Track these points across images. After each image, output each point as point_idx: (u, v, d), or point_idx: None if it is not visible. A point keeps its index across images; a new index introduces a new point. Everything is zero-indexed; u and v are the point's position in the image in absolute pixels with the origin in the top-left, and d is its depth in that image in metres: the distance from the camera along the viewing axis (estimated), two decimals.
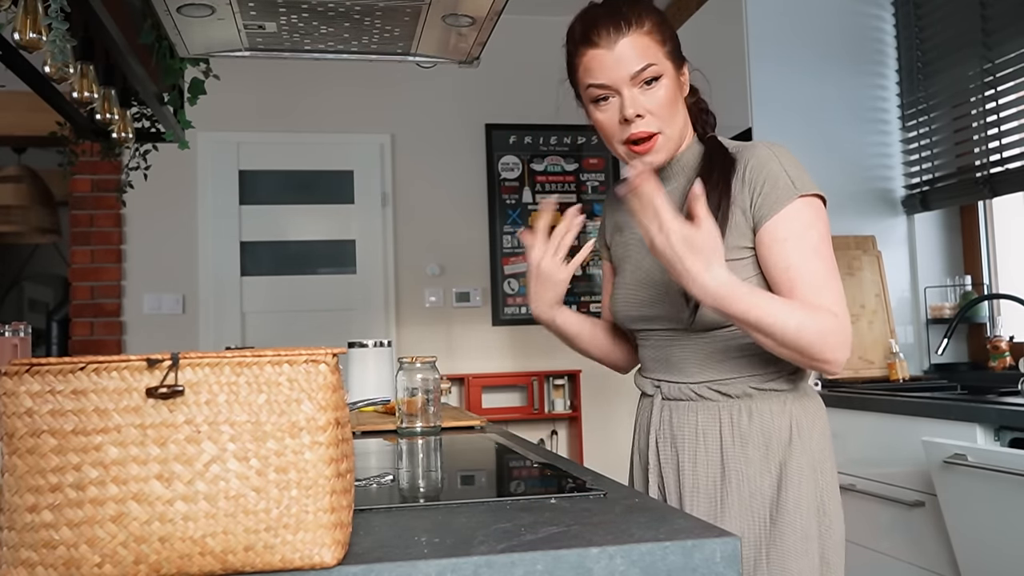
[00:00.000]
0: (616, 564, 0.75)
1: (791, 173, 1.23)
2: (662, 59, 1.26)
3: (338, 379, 0.76)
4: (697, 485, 1.31)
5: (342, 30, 1.80)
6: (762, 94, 3.17)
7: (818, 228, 1.22)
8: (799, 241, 1.21)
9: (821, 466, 1.30)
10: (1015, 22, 2.70)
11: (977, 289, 3.06)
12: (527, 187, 4.53)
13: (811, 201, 1.23)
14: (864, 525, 2.56)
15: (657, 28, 1.26)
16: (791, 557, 1.25)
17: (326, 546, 0.72)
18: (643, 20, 1.25)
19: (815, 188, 1.24)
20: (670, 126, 1.28)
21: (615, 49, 1.24)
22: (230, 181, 4.28)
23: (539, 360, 4.36)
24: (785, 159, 1.25)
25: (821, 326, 1.14)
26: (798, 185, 1.23)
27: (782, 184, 1.22)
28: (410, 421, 1.71)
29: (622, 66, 1.24)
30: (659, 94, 1.25)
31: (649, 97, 1.25)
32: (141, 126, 2.86)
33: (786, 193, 1.22)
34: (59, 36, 1.67)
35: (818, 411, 1.34)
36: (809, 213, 1.22)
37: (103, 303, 4.14)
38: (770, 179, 1.23)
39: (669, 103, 1.26)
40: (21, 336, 1.68)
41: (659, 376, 1.39)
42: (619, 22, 1.24)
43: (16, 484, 0.69)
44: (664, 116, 1.26)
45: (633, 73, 1.24)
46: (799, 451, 1.28)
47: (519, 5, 2.42)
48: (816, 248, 1.21)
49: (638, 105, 1.24)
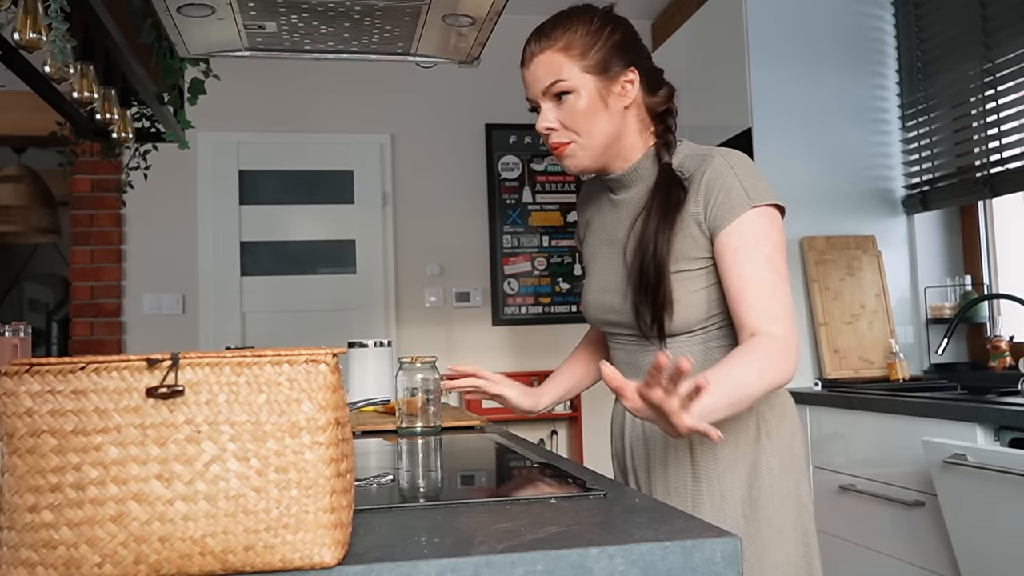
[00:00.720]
0: (616, 564, 0.75)
1: (746, 184, 1.26)
2: (576, 73, 1.30)
3: (338, 379, 0.76)
4: (669, 486, 1.35)
5: (342, 30, 1.80)
6: (762, 94, 3.17)
7: (772, 238, 1.25)
8: (751, 251, 1.23)
9: (791, 462, 1.33)
10: (1015, 22, 2.70)
11: (977, 289, 3.06)
12: (527, 187, 4.53)
13: (765, 211, 1.26)
14: (864, 525, 2.56)
15: (575, 43, 1.30)
16: (768, 551, 1.28)
17: (326, 546, 0.72)
18: (559, 37, 1.30)
19: (771, 198, 1.27)
20: (585, 136, 1.32)
21: (531, 67, 1.32)
22: (230, 181, 4.28)
23: (539, 360, 4.36)
24: (741, 169, 1.28)
25: (774, 361, 1.17)
26: (752, 195, 1.25)
27: (736, 195, 1.25)
28: (410, 421, 1.71)
29: (536, 83, 1.32)
30: (567, 108, 1.30)
31: (561, 110, 1.31)
32: (141, 126, 2.86)
33: (740, 204, 1.24)
34: (59, 36, 1.67)
35: (786, 408, 1.37)
36: (763, 223, 1.25)
37: (103, 303, 4.14)
38: (724, 190, 1.26)
39: (579, 115, 1.30)
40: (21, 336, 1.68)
41: (630, 379, 1.40)
42: (537, 40, 1.32)
43: (16, 484, 0.69)
44: (578, 127, 1.31)
45: (543, 89, 1.31)
46: (768, 450, 1.31)
47: (519, 5, 2.42)
48: (768, 257, 1.23)
49: (548, 119, 1.32)
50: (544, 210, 4.53)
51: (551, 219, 4.51)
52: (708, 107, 3.64)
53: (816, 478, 2.81)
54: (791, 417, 1.37)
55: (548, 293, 4.51)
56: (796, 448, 1.36)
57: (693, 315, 1.30)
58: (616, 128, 1.33)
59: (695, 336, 1.32)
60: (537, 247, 4.50)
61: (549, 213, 4.53)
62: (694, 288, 1.29)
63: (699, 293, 1.29)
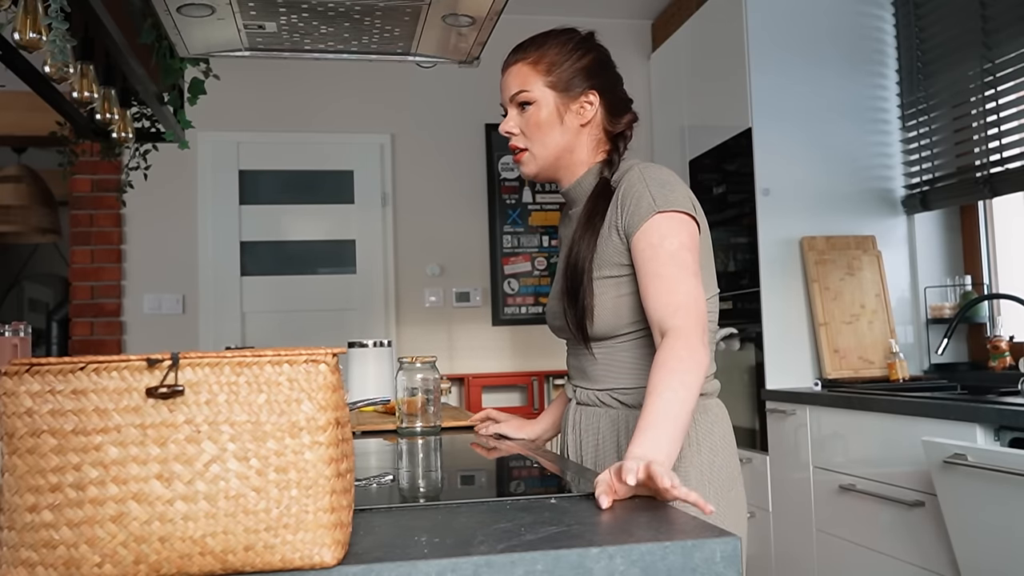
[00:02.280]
0: (616, 564, 0.75)
1: (654, 192, 1.34)
2: (540, 88, 1.42)
3: (338, 379, 0.76)
4: None
5: (342, 30, 1.80)
6: (762, 94, 3.17)
7: (679, 237, 1.31)
8: (656, 250, 1.30)
9: (713, 475, 1.36)
10: (1015, 22, 2.70)
11: (977, 289, 3.06)
12: (527, 187, 4.52)
13: (672, 215, 1.33)
14: (864, 525, 2.56)
15: (544, 60, 1.42)
16: None
17: (326, 546, 0.72)
18: (532, 53, 1.43)
19: (679, 206, 1.33)
20: (539, 145, 1.43)
21: (505, 75, 1.46)
22: (230, 181, 4.28)
23: (539, 360, 4.36)
24: (652, 180, 1.36)
25: (686, 363, 1.20)
26: (659, 202, 1.32)
27: (644, 203, 1.33)
28: (410, 421, 1.71)
29: (506, 89, 1.45)
30: (526, 117, 1.43)
31: (522, 118, 1.44)
32: (141, 126, 2.85)
33: (647, 210, 1.32)
34: (59, 36, 1.67)
35: (716, 422, 1.41)
36: (669, 224, 1.32)
37: (103, 303, 4.14)
38: (634, 199, 1.34)
39: (534, 126, 1.42)
40: (21, 336, 1.68)
41: (576, 382, 1.51)
42: (515, 52, 1.45)
43: (16, 484, 0.69)
44: (532, 136, 1.43)
45: (510, 96, 1.44)
46: (687, 462, 1.34)
47: (519, 5, 2.42)
48: (672, 254, 1.30)
49: (509, 124, 1.45)
50: (544, 210, 4.53)
51: (551, 219, 4.51)
52: (708, 107, 3.64)
53: (816, 478, 2.81)
54: (719, 433, 1.40)
55: (548, 293, 4.51)
56: (721, 464, 1.38)
57: (616, 320, 1.37)
58: (568, 143, 1.44)
59: (624, 341, 1.39)
60: (537, 247, 4.50)
61: (549, 213, 4.52)
62: (616, 294, 1.36)
63: (622, 299, 1.36)
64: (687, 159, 3.76)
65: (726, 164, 3.41)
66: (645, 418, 1.14)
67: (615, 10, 4.44)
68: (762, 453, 3.12)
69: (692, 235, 1.33)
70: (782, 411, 2.97)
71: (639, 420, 1.15)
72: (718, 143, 3.46)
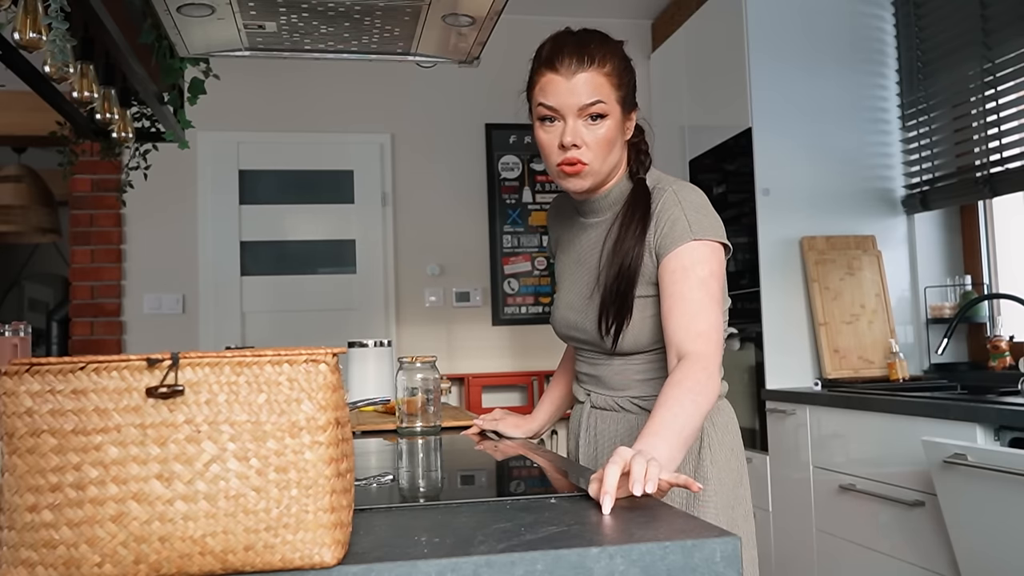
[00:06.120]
0: (616, 564, 0.75)
1: (691, 218, 1.33)
2: (612, 101, 1.35)
3: (338, 379, 0.76)
4: None
5: (342, 30, 1.80)
6: (762, 94, 3.17)
7: (710, 265, 1.31)
8: (686, 273, 1.30)
9: (731, 476, 1.40)
10: (1015, 22, 2.70)
11: (977, 289, 3.06)
12: (527, 187, 4.52)
13: (706, 243, 1.32)
14: (864, 525, 2.56)
15: (617, 73, 1.35)
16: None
17: (326, 546, 0.72)
18: (606, 62, 1.34)
19: (713, 235, 1.33)
20: (601, 162, 1.37)
21: (572, 80, 1.33)
22: (230, 181, 4.28)
23: (539, 360, 4.36)
24: (688, 204, 1.35)
25: (701, 386, 1.21)
26: (695, 229, 1.32)
27: (680, 227, 1.32)
28: (410, 421, 1.71)
29: (574, 96, 1.33)
30: (599, 132, 1.35)
31: (590, 131, 1.34)
32: (141, 126, 2.85)
33: (683, 235, 1.32)
34: (59, 36, 1.67)
35: (728, 424, 1.44)
36: (702, 252, 1.31)
37: (103, 303, 4.14)
38: (670, 221, 1.33)
39: (606, 142, 1.35)
40: (21, 336, 1.68)
41: (590, 387, 1.52)
42: (583, 56, 1.33)
43: (16, 484, 0.69)
44: (598, 152, 1.35)
45: (582, 105, 1.33)
46: (707, 460, 1.38)
47: (519, 5, 2.42)
48: (702, 280, 1.29)
49: (578, 135, 1.34)
50: (544, 210, 4.53)
51: None
52: (708, 107, 3.64)
53: (816, 478, 2.81)
54: (731, 434, 1.44)
55: (548, 293, 4.51)
56: (735, 464, 1.42)
57: (644, 338, 1.38)
58: (618, 160, 1.41)
59: (648, 355, 1.41)
60: (537, 247, 4.50)
61: None
62: (648, 314, 1.37)
63: (651, 319, 1.37)
64: (687, 159, 3.77)
65: (726, 164, 3.41)
66: (650, 426, 1.14)
67: (615, 10, 4.43)
68: (762, 453, 3.12)
69: (722, 264, 1.34)
70: (782, 411, 2.97)
71: (644, 427, 1.15)
72: (718, 143, 3.46)
